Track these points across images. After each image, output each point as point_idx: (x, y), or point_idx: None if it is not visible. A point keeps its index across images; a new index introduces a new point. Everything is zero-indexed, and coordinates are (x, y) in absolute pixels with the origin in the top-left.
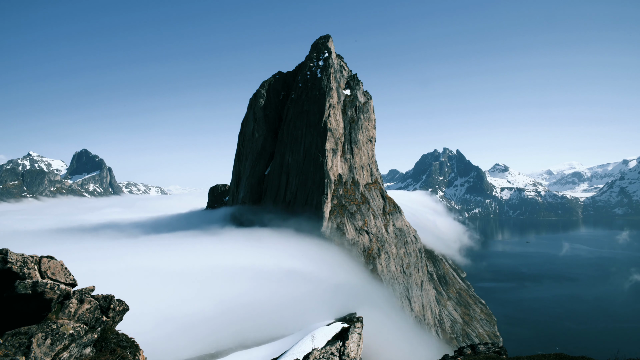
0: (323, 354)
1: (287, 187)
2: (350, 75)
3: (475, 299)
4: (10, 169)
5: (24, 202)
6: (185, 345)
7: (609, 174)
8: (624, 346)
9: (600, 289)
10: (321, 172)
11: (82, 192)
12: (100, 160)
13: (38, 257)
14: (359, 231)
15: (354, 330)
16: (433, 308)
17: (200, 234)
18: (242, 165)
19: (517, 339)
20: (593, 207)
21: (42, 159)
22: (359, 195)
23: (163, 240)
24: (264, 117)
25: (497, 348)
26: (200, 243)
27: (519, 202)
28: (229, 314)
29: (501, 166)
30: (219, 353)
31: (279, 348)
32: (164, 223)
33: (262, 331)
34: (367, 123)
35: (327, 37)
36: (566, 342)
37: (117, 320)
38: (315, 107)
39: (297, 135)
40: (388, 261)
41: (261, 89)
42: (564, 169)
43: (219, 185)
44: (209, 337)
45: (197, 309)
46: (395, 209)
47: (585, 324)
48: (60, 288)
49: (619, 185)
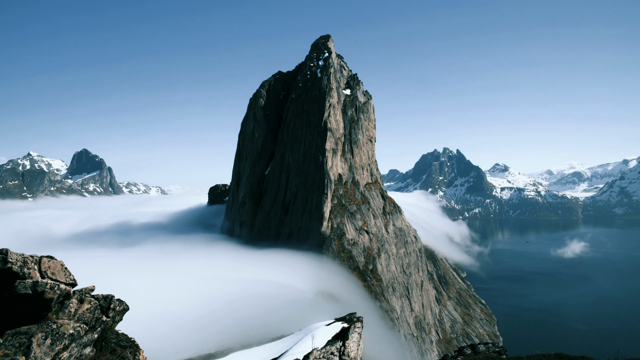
0: (323, 354)
1: (287, 186)
2: (350, 75)
3: (475, 299)
4: (10, 169)
5: (25, 202)
6: (185, 345)
7: (609, 174)
8: (624, 346)
9: (601, 289)
10: (321, 172)
11: (82, 192)
12: (100, 160)
13: (38, 257)
14: (359, 231)
15: (354, 330)
16: (433, 308)
17: (199, 238)
18: (242, 165)
19: (517, 339)
20: (593, 207)
21: (42, 159)
22: (359, 195)
23: (165, 243)
24: (264, 117)
25: (497, 348)
26: (200, 247)
27: (519, 202)
28: (228, 313)
29: (501, 166)
30: (219, 353)
31: (279, 348)
32: (167, 223)
33: (262, 331)
34: (367, 123)
35: (327, 37)
36: (566, 342)
37: (117, 320)
38: (316, 107)
39: (297, 135)
40: (388, 261)
41: (261, 88)
42: (564, 169)
43: (219, 185)
44: (209, 337)
45: (197, 309)
46: (395, 209)
47: (585, 324)
48: (60, 288)
49: (619, 185)
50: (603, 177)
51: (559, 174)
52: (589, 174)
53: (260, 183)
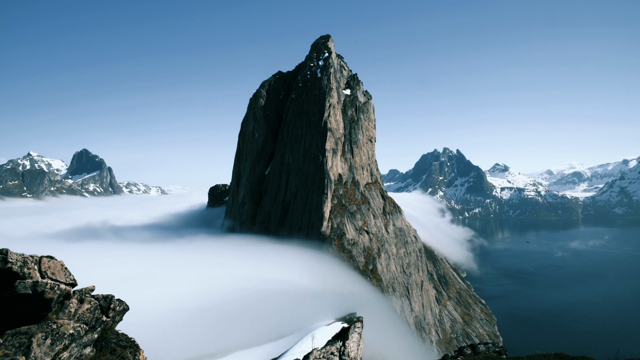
0: (323, 354)
1: (287, 187)
2: (350, 75)
3: (475, 299)
4: (10, 169)
5: (26, 202)
6: (185, 345)
7: (609, 174)
8: (624, 346)
9: (601, 289)
10: (321, 172)
11: (82, 192)
12: (100, 160)
13: (38, 257)
14: (359, 231)
15: (354, 330)
16: (433, 308)
17: (200, 237)
18: (242, 165)
19: (517, 339)
20: (593, 206)
21: (42, 159)
22: (359, 195)
23: (164, 243)
24: (264, 117)
25: (497, 348)
26: (200, 247)
27: (519, 202)
28: (229, 314)
29: (501, 166)
30: (219, 353)
31: (279, 348)
32: (167, 223)
33: (262, 331)
34: (367, 123)
35: (327, 37)
36: (566, 342)
37: (117, 320)
38: (316, 107)
39: (297, 135)
40: (388, 261)
41: (261, 88)
42: (564, 169)
43: (219, 185)
44: (209, 337)
45: (197, 309)
46: (395, 209)
47: (585, 324)
48: (60, 288)
49: (619, 185)
50: (603, 177)
51: (559, 174)
52: (589, 174)
53: (260, 183)
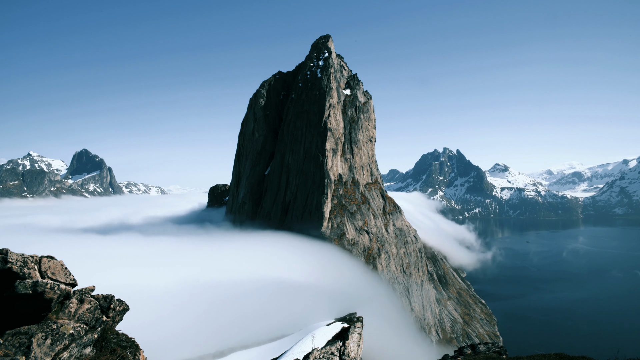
0: (323, 354)
1: (287, 187)
2: (350, 75)
3: (476, 299)
4: (11, 169)
5: (27, 201)
6: (185, 345)
7: (609, 174)
8: (624, 346)
9: (601, 289)
10: (321, 172)
11: (82, 192)
12: (100, 160)
13: (38, 257)
14: (359, 231)
15: (354, 330)
16: (433, 308)
17: (199, 235)
18: (242, 165)
19: (517, 339)
20: (593, 206)
21: (42, 159)
22: (359, 195)
23: (164, 242)
24: (264, 117)
25: (497, 348)
26: (200, 244)
27: (519, 202)
28: (229, 313)
29: (501, 166)
30: (219, 353)
31: (279, 348)
32: (167, 222)
33: (262, 331)
34: (367, 123)
35: (327, 37)
36: (566, 342)
37: (117, 320)
38: (316, 107)
39: (297, 135)
40: (388, 261)
41: (261, 88)
42: (564, 169)
43: (219, 185)
44: (209, 337)
45: (197, 309)
46: (395, 209)
47: (586, 324)
48: (61, 288)
49: (619, 185)
50: (603, 177)
51: (559, 174)
52: (589, 174)
53: (260, 183)
